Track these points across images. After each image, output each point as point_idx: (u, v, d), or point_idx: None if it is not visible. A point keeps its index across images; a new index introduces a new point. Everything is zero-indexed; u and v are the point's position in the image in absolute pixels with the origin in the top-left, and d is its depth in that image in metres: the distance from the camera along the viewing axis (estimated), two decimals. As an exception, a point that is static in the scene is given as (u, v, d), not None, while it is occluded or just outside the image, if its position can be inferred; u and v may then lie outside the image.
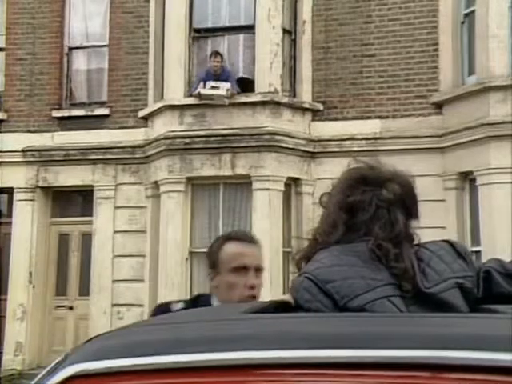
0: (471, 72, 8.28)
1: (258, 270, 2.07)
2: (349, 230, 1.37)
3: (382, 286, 1.25)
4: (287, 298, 1.32)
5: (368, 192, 1.37)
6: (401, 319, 1.15)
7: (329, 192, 1.46)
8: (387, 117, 8.71)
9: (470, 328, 1.02)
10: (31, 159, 9.75)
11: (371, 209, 1.36)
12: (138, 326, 1.28)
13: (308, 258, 1.38)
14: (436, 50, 8.58)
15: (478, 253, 7.33)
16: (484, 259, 1.49)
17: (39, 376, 1.10)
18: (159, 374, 1.02)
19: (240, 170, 8.51)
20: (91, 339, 1.17)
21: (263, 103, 8.55)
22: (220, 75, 8.58)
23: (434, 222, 6.90)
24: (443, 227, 7.67)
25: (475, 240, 7.77)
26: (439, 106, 8.53)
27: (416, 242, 1.40)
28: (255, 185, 8.45)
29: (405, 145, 8.32)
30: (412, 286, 1.28)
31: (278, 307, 1.29)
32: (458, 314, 1.23)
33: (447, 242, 1.42)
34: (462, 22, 8.47)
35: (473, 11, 8.17)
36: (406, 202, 1.39)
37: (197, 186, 8.81)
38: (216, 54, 8.69)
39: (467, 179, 8.19)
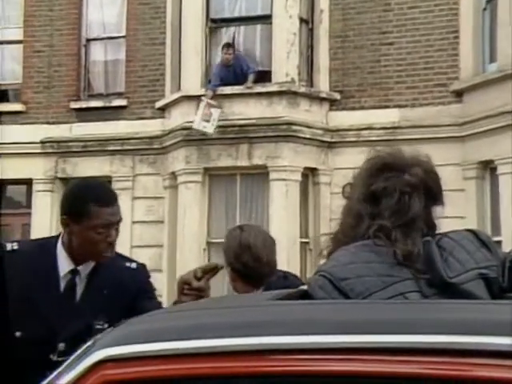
0: (492, 59, 8.15)
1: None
2: (374, 220, 1.33)
3: (399, 283, 1.22)
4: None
5: (391, 178, 1.34)
6: (423, 306, 1.14)
7: (351, 183, 1.43)
8: (406, 106, 8.62)
9: (491, 314, 1.02)
10: (50, 150, 9.83)
11: (395, 195, 1.32)
12: (165, 311, 1.29)
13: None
14: (456, 37, 8.45)
15: (498, 243, 7.24)
16: (505, 249, 1.46)
17: (69, 360, 1.11)
18: (186, 359, 1.03)
19: (257, 161, 8.50)
20: (120, 324, 1.18)
21: (280, 93, 8.51)
22: (232, 66, 8.59)
23: (454, 212, 6.75)
24: (463, 217, 7.59)
25: (496, 230, 7.68)
26: (459, 95, 8.42)
27: (437, 231, 1.37)
28: (272, 175, 8.43)
29: (424, 134, 8.22)
30: (434, 275, 1.25)
31: (304, 295, 1.29)
32: (480, 301, 1.21)
33: (470, 231, 1.38)
34: (484, 9, 8.32)
35: (495, -3, 8.03)
36: (430, 187, 1.36)
37: (214, 176, 8.82)
38: (228, 46, 8.66)
39: (488, 168, 8.08)
